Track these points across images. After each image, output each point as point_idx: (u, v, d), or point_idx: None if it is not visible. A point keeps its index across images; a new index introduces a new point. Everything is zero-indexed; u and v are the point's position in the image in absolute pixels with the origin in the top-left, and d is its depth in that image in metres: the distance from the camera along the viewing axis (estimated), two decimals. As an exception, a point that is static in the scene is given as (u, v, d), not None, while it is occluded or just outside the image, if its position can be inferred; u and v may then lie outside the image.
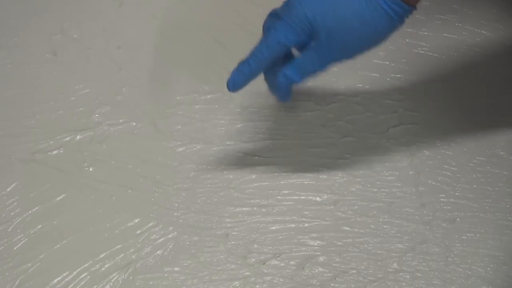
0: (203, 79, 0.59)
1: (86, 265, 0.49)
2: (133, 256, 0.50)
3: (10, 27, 0.60)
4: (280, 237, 0.52)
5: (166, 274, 0.50)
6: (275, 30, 0.45)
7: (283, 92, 0.47)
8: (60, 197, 0.52)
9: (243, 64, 0.46)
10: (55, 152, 0.54)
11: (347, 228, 0.52)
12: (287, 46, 0.45)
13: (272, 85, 0.48)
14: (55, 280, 0.49)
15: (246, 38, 0.61)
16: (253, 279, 0.50)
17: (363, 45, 0.44)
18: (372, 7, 0.42)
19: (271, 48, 0.45)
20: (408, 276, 0.50)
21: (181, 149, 0.55)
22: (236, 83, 0.47)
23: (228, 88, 0.47)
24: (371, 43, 0.44)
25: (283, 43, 0.44)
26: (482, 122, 0.58)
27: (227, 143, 0.56)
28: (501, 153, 0.56)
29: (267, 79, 0.49)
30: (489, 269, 0.51)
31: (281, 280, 0.50)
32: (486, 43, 0.62)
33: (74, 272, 0.49)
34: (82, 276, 0.49)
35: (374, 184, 0.54)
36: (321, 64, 0.45)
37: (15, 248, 0.50)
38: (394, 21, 0.43)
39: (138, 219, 0.52)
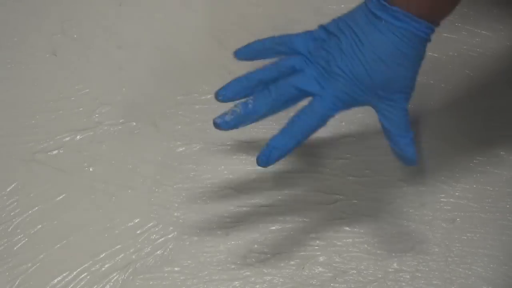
0: (203, 79, 0.59)
1: (86, 265, 0.49)
2: (133, 256, 0.50)
3: (10, 27, 0.60)
4: (280, 237, 0.52)
5: (166, 274, 0.50)
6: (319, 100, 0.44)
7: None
8: (60, 197, 0.52)
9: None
10: (55, 152, 0.54)
11: (347, 228, 0.52)
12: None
13: None
14: (55, 280, 0.49)
15: (246, 38, 0.61)
16: (253, 279, 0.50)
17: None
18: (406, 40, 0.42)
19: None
20: (408, 276, 0.50)
21: (181, 149, 0.55)
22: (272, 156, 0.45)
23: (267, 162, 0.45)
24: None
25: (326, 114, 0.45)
26: (482, 122, 0.58)
27: (227, 143, 0.56)
28: (501, 153, 0.56)
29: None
30: (489, 269, 0.51)
31: (281, 280, 0.50)
32: (486, 43, 0.62)
33: (74, 272, 0.49)
34: (82, 276, 0.49)
35: (374, 184, 0.54)
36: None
37: (15, 248, 0.50)
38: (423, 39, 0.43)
39: (138, 219, 0.52)
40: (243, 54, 0.47)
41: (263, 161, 0.44)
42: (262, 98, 0.44)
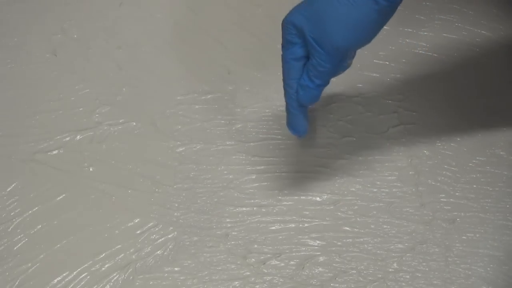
0: (203, 79, 0.59)
1: (86, 265, 0.49)
2: (133, 256, 0.50)
3: (10, 27, 0.60)
4: (280, 237, 0.52)
5: (166, 274, 0.50)
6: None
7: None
8: (60, 197, 0.52)
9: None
10: (55, 152, 0.54)
11: (347, 228, 0.52)
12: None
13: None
14: (55, 280, 0.49)
15: (246, 38, 0.61)
16: (253, 279, 0.50)
17: (352, 33, 0.42)
18: None
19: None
20: (408, 276, 0.50)
21: (181, 149, 0.55)
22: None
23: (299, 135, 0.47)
24: (362, 31, 0.43)
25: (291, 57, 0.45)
26: (482, 122, 0.58)
27: (227, 143, 0.56)
28: (501, 153, 0.56)
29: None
30: (489, 269, 0.51)
31: (281, 280, 0.50)
32: (486, 43, 0.62)
33: (74, 272, 0.49)
34: (82, 276, 0.49)
35: (374, 184, 0.54)
36: (325, 61, 0.44)
37: (15, 248, 0.50)
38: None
39: (138, 219, 0.52)
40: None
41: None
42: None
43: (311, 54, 0.44)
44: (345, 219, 0.53)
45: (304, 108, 0.46)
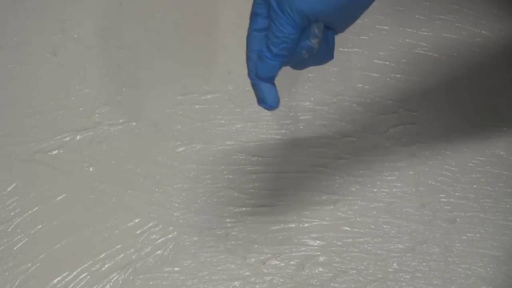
0: (203, 79, 0.59)
1: (86, 265, 0.49)
2: (133, 256, 0.50)
3: (10, 27, 0.60)
4: (280, 237, 0.52)
5: (166, 274, 0.50)
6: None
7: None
8: (60, 197, 0.52)
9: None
10: (55, 152, 0.54)
11: (347, 228, 0.52)
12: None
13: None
14: (55, 280, 0.49)
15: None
16: (253, 279, 0.50)
17: None
18: None
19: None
20: (408, 276, 0.50)
21: (181, 149, 0.55)
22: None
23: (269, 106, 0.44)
24: None
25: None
26: (482, 122, 0.58)
27: (227, 143, 0.56)
28: (501, 153, 0.56)
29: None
30: (489, 269, 0.51)
31: (281, 280, 0.50)
32: (486, 43, 0.62)
33: (74, 272, 0.49)
34: (82, 276, 0.49)
35: (374, 184, 0.54)
36: (283, 25, 0.42)
37: (15, 248, 0.50)
38: None
39: (138, 219, 0.52)
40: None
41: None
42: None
43: (271, 20, 0.42)
44: (345, 219, 0.53)
45: (267, 81, 0.44)
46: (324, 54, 0.45)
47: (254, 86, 0.44)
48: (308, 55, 0.43)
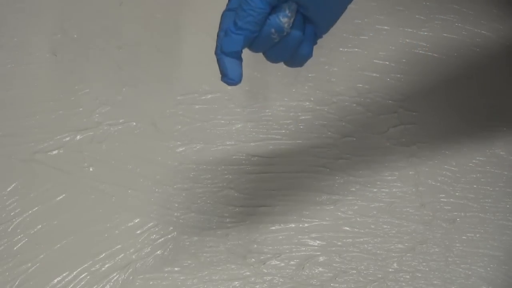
0: (203, 79, 0.59)
1: (86, 265, 0.49)
2: (133, 256, 0.50)
3: (10, 27, 0.60)
4: (280, 237, 0.52)
5: (166, 274, 0.50)
6: None
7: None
8: (60, 197, 0.52)
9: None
10: (55, 152, 0.54)
11: (347, 228, 0.52)
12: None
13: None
14: (55, 280, 0.49)
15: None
16: (253, 279, 0.50)
17: None
18: None
19: None
20: (408, 276, 0.50)
21: (181, 149, 0.55)
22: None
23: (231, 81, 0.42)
24: None
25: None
26: (482, 122, 0.58)
27: (227, 143, 0.56)
28: (501, 153, 0.56)
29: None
30: (489, 269, 0.51)
31: (281, 280, 0.50)
32: (486, 43, 0.62)
33: (74, 272, 0.49)
34: (82, 276, 0.49)
35: (374, 184, 0.54)
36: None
37: (15, 248, 0.50)
38: None
39: (138, 219, 0.52)
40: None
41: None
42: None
43: None
44: (345, 219, 0.53)
45: (232, 55, 0.42)
46: (302, 47, 0.42)
47: (218, 61, 0.43)
48: (278, 37, 0.41)
